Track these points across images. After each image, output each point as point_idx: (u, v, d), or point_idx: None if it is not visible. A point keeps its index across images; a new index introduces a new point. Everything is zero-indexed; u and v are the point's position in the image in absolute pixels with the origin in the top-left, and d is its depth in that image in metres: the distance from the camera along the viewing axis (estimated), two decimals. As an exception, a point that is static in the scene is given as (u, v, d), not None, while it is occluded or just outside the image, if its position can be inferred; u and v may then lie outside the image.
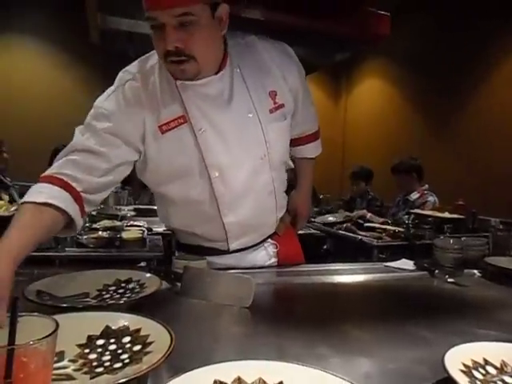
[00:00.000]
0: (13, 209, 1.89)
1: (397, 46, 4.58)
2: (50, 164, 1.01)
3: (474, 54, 3.80)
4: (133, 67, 1.15)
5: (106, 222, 2.04)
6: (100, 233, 1.78)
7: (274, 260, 1.39)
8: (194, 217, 1.21)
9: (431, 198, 3.32)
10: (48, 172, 1.02)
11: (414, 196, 3.36)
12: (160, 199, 1.28)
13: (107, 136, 1.06)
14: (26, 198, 0.91)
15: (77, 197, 0.98)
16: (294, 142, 1.43)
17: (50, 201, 0.90)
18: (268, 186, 1.24)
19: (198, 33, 0.98)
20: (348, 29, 2.85)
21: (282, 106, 1.22)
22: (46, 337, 0.37)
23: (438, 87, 4.19)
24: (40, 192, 0.93)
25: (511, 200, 3.25)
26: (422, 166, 3.44)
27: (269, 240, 1.37)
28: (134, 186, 3.97)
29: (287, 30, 2.97)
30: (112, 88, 1.13)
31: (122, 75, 1.15)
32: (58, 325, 0.39)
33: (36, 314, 0.42)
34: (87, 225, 1.97)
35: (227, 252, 1.29)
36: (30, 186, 0.98)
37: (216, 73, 1.10)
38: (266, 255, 1.37)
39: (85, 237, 1.69)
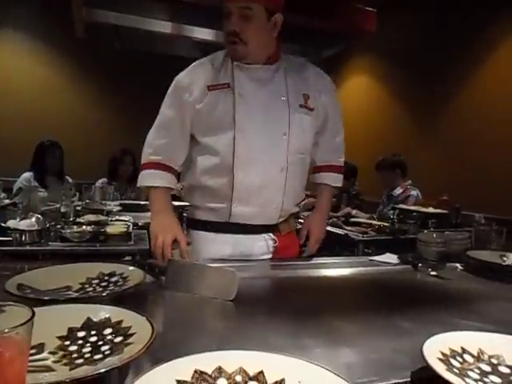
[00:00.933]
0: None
1: (383, 43, 4.61)
2: (35, 159, 1.19)
3: (460, 50, 3.84)
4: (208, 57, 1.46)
5: (91, 217, 2.02)
6: (84, 227, 1.76)
7: (269, 256, 1.45)
8: (211, 169, 1.39)
9: (413, 192, 3.38)
10: (152, 158, 1.41)
11: (398, 191, 3.42)
12: (189, 154, 1.46)
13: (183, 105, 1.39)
14: (156, 183, 1.40)
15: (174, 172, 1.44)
16: (319, 169, 1.60)
17: (170, 185, 1.42)
18: (281, 162, 1.40)
19: (252, 25, 1.30)
20: (335, 25, 2.88)
21: (311, 109, 1.44)
22: (21, 325, 0.37)
23: (424, 84, 4.23)
24: (160, 178, 1.41)
25: (496, 195, 3.31)
26: (405, 163, 3.49)
27: (269, 234, 1.45)
28: (121, 182, 3.94)
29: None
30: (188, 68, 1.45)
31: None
32: (33, 313, 0.39)
33: (11, 303, 0.42)
34: (71, 219, 1.96)
35: (228, 225, 1.41)
36: (13, 181, 1.00)
37: (264, 63, 1.39)
38: (264, 246, 1.45)
39: (68, 231, 1.67)
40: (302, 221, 1.79)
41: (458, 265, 1.47)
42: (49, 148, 3.60)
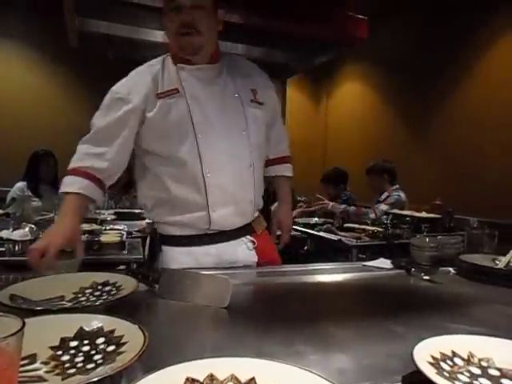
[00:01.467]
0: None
1: (376, 50, 4.66)
2: (29, 169, 1.18)
3: (451, 56, 3.89)
4: (145, 65, 1.41)
5: (85, 226, 2.02)
6: (78, 236, 1.76)
7: (254, 258, 1.45)
8: (179, 179, 1.34)
9: (395, 194, 3.44)
10: (73, 165, 1.32)
11: (384, 196, 3.48)
12: (148, 169, 1.39)
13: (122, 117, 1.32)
14: (67, 189, 1.28)
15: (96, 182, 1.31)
16: (273, 162, 1.62)
17: (81, 191, 1.27)
18: (247, 158, 1.39)
19: (205, 15, 1.29)
20: (327, 32, 2.91)
21: (261, 103, 1.45)
22: (11, 335, 0.37)
23: (417, 90, 4.28)
24: (73, 184, 1.29)
25: (489, 199, 3.34)
26: (394, 169, 3.57)
27: (247, 236, 1.45)
28: (115, 190, 3.94)
29: (267, 34, 3.00)
30: (125, 78, 1.39)
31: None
32: (24, 324, 0.39)
33: (1, 313, 0.42)
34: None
35: (207, 236, 1.38)
36: (6, 191, 1.01)
37: (208, 63, 1.37)
38: (246, 249, 1.44)
39: (62, 240, 1.67)
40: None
41: (451, 269, 1.48)
42: (42, 157, 3.60)
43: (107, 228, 2.14)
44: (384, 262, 1.53)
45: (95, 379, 0.52)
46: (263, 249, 1.48)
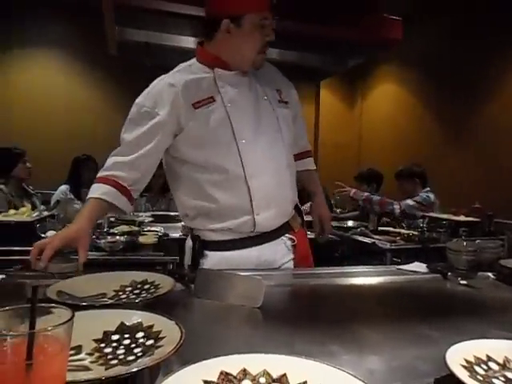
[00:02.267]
0: (34, 215, 1.96)
1: (410, 51, 4.57)
2: (72, 173, 1.20)
3: (490, 56, 3.77)
4: (168, 74, 1.41)
5: (124, 227, 2.09)
6: (117, 237, 1.83)
7: (291, 256, 1.48)
8: (222, 186, 1.35)
9: (423, 194, 3.34)
10: (100, 174, 1.33)
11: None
12: (184, 178, 1.40)
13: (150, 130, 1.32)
14: (90, 195, 1.27)
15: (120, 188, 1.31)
16: (298, 157, 1.62)
17: (102, 197, 1.27)
18: (284, 159, 1.43)
19: None
20: (360, 34, 2.89)
21: (286, 102, 1.48)
22: (63, 323, 0.41)
23: (452, 91, 4.17)
24: (96, 190, 1.29)
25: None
26: (424, 172, 3.49)
27: (286, 234, 1.47)
28: (152, 193, 4.05)
29: (299, 38, 3.02)
30: (147, 89, 1.39)
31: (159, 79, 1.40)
32: (73, 314, 0.43)
33: (54, 304, 0.46)
34: (105, 230, 2.03)
35: (250, 239, 1.39)
36: (51, 194, 1.08)
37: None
38: (284, 248, 1.47)
39: (102, 241, 1.74)
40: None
41: (489, 274, 1.44)
42: (84, 162, 3.75)
43: (145, 229, 2.21)
44: (419, 266, 1.50)
45: (135, 369, 0.55)
46: (300, 245, 1.51)
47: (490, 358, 0.65)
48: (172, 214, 2.99)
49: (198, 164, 1.35)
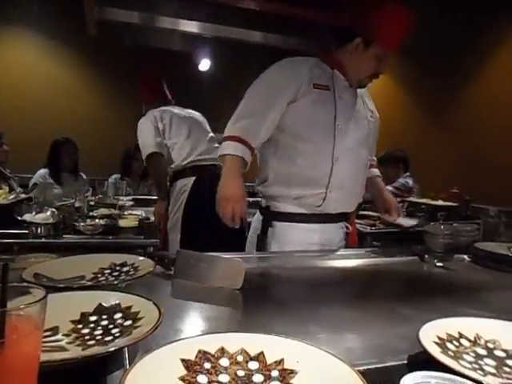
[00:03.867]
0: (11, 197, 1.92)
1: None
2: (50, 156, 1.20)
3: (469, 42, 3.80)
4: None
5: (104, 211, 2.07)
6: (97, 220, 1.81)
7: (344, 242, 1.68)
8: (310, 157, 1.53)
9: (401, 180, 3.42)
10: (233, 133, 1.49)
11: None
12: (279, 145, 1.57)
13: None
14: (233, 152, 1.46)
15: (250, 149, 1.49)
16: (370, 166, 1.83)
17: (241, 154, 1.46)
18: (366, 159, 1.68)
19: None
20: (342, 19, 2.87)
21: (372, 116, 1.72)
22: (36, 302, 0.40)
23: (434, 78, 4.19)
24: (237, 150, 1.47)
25: (509, 188, 3.27)
26: (407, 157, 3.52)
27: (344, 222, 1.68)
28: (134, 178, 4.01)
29: (284, 21, 2.99)
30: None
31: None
32: (47, 293, 0.42)
33: (26, 284, 0.45)
34: (85, 213, 2.01)
35: (315, 216, 1.57)
36: (29, 177, 1.04)
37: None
38: (341, 233, 1.68)
39: (82, 224, 1.72)
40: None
41: (465, 256, 1.48)
42: (63, 145, 3.67)
43: (125, 213, 2.19)
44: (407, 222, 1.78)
45: (112, 349, 0.55)
46: (352, 236, 1.73)
47: (461, 335, 0.67)
48: (154, 197, 2.96)
49: (296, 134, 1.54)
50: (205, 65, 4.46)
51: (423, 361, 0.62)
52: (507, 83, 3.49)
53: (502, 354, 0.64)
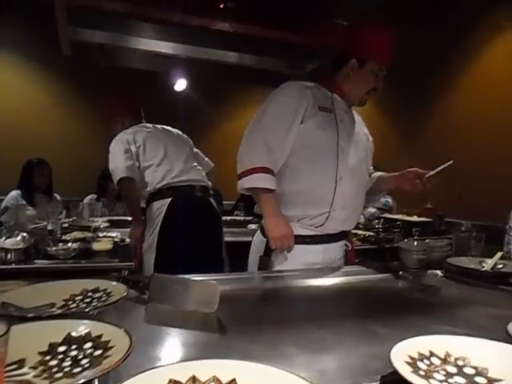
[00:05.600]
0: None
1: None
2: (23, 177, 1.14)
3: (438, 63, 3.93)
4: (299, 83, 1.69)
5: (77, 234, 2.03)
6: (70, 244, 1.77)
7: (343, 260, 1.73)
8: (315, 177, 1.59)
9: (382, 199, 3.49)
10: (262, 165, 1.52)
11: None
12: (290, 169, 1.60)
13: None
14: (267, 185, 1.53)
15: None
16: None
17: (272, 187, 1.54)
18: (366, 177, 1.77)
19: None
20: (316, 39, 2.95)
21: (368, 140, 1.82)
22: (-4, 339, 0.39)
23: (406, 97, 4.31)
24: (272, 181, 1.53)
25: (481, 203, 3.37)
26: None
27: (344, 240, 1.74)
28: (110, 198, 3.95)
29: (257, 42, 3.05)
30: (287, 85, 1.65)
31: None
32: (8, 329, 0.41)
33: (-12, 318, 0.44)
34: (58, 236, 1.96)
35: (318, 237, 1.61)
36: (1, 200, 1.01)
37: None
38: (342, 251, 1.73)
39: (54, 248, 1.68)
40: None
41: (438, 272, 1.51)
42: (36, 166, 3.61)
43: (100, 235, 2.15)
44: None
45: (81, 382, 0.54)
46: (350, 254, 1.78)
47: (432, 354, 0.68)
48: (130, 218, 2.92)
49: (301, 155, 1.58)
50: (180, 85, 4.48)
51: (395, 381, 0.63)
52: (474, 103, 3.62)
53: (472, 371, 0.65)
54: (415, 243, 1.62)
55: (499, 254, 1.52)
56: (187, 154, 2.65)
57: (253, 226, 3.12)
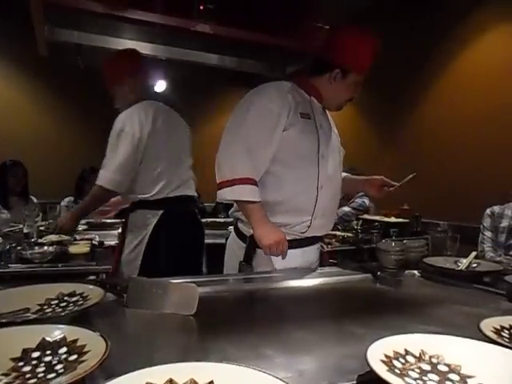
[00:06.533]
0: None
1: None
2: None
3: (416, 67, 4.02)
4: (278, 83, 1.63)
5: (53, 237, 1.99)
6: (46, 247, 1.73)
7: (318, 261, 1.74)
8: (297, 185, 1.56)
9: (358, 200, 3.56)
10: (245, 175, 1.47)
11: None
12: (273, 176, 1.57)
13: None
14: (251, 198, 1.48)
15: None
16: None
17: (257, 199, 1.48)
18: (340, 184, 1.75)
19: None
20: (296, 42, 2.97)
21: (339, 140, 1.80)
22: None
23: (385, 99, 4.39)
24: (257, 192, 1.49)
25: (456, 203, 3.45)
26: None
27: (319, 242, 1.77)
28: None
29: (238, 44, 3.05)
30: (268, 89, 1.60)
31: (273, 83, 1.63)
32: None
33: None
34: (33, 240, 1.92)
35: (297, 241, 1.60)
36: None
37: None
38: (318, 253, 1.75)
39: (29, 252, 1.64)
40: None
41: (415, 272, 1.53)
42: (11, 168, 3.52)
43: (77, 238, 2.12)
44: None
45: (55, 388, 0.53)
46: (324, 255, 1.82)
47: (407, 352, 0.69)
48: (108, 221, 2.89)
49: (284, 162, 1.55)
50: (160, 86, 4.45)
51: (372, 380, 0.64)
52: (447, 107, 3.71)
53: (445, 369, 0.66)
54: (393, 244, 1.65)
55: (473, 254, 1.56)
56: (187, 165, 2.39)
57: (233, 228, 3.10)
